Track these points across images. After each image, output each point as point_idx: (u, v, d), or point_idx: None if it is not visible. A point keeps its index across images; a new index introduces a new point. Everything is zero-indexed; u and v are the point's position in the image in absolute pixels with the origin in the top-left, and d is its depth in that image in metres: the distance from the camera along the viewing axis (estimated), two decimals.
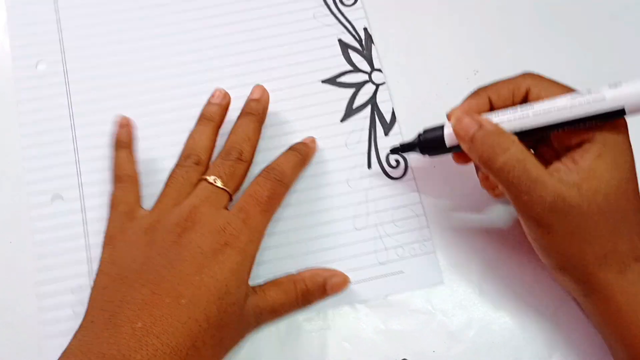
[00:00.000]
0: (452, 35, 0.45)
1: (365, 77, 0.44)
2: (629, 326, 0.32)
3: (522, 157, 0.31)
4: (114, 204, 0.37)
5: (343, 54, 0.44)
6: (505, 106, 0.34)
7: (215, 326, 0.31)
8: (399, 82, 0.44)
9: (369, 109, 0.43)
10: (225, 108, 0.40)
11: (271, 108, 0.41)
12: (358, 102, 0.43)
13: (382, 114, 0.43)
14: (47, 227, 0.39)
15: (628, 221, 0.31)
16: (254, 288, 0.35)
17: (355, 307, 0.38)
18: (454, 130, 0.34)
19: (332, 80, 0.43)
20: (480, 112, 0.34)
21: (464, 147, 0.34)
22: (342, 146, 0.42)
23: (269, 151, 0.41)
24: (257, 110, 0.40)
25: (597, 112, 0.29)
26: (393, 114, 0.43)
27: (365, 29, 0.45)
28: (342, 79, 0.44)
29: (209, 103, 0.40)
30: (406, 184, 0.41)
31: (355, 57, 0.44)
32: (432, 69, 0.44)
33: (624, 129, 0.31)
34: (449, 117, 0.35)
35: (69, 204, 0.40)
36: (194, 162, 0.37)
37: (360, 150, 0.42)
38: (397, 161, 0.42)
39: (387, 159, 0.42)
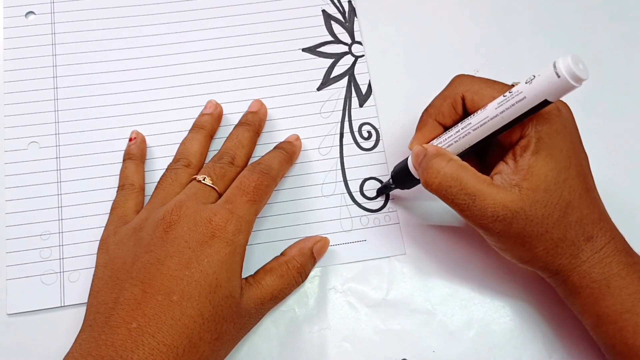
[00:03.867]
0: (436, 23, 0.46)
1: (345, 48, 0.44)
2: (585, 300, 0.33)
3: (457, 175, 0.32)
4: (112, 209, 0.38)
5: (325, 25, 0.45)
6: (453, 121, 0.35)
7: (211, 321, 0.31)
8: (378, 56, 0.44)
9: (346, 79, 0.43)
10: (217, 118, 0.41)
11: (250, 72, 0.42)
12: (336, 72, 0.43)
13: (358, 86, 0.43)
14: (21, 171, 0.40)
15: (574, 207, 0.32)
16: (247, 279, 0.35)
17: (355, 307, 0.38)
18: (413, 163, 0.35)
19: (312, 50, 0.44)
20: (434, 137, 0.35)
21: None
22: (316, 114, 0.42)
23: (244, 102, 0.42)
24: (253, 122, 0.40)
25: (524, 111, 0.30)
26: (369, 86, 0.43)
27: (349, 2, 0.45)
28: (323, 49, 0.44)
29: (201, 114, 0.41)
30: (376, 155, 0.42)
31: (337, 29, 0.45)
32: (413, 47, 0.45)
33: (555, 117, 0.32)
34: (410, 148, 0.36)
35: (45, 151, 0.41)
36: (184, 164, 0.38)
37: (334, 119, 0.42)
38: (369, 132, 0.42)
39: (359, 129, 0.42)
